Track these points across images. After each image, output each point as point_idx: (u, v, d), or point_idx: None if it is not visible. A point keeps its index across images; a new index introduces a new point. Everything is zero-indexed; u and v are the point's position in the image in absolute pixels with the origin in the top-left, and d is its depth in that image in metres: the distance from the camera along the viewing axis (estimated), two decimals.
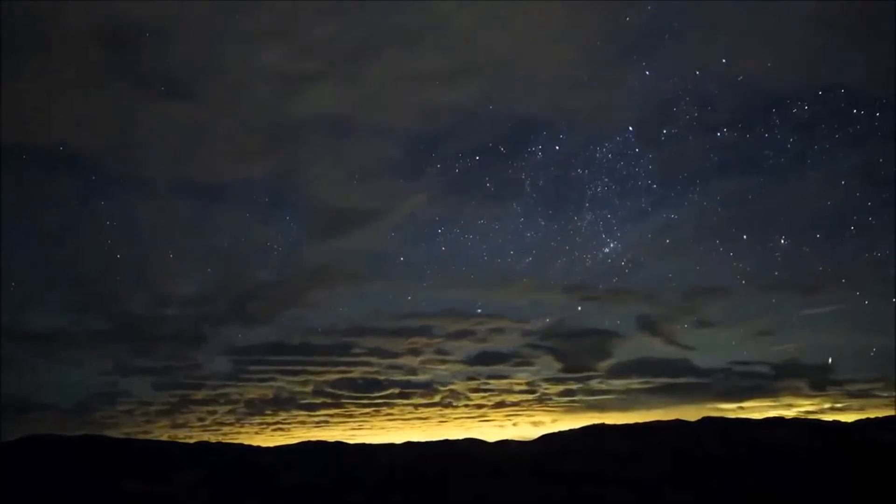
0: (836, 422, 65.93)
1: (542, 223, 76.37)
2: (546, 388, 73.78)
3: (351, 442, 73.46)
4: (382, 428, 73.72)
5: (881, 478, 53.89)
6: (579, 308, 77.50)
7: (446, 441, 72.27)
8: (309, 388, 71.44)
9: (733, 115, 66.47)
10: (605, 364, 77.66)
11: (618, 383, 74.36)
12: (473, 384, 73.99)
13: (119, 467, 64.62)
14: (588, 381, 74.27)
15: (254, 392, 69.36)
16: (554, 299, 79.38)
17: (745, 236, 71.52)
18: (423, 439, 73.23)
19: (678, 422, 69.10)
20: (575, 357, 76.55)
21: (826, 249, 67.91)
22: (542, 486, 62.27)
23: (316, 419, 71.17)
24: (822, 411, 68.60)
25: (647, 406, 76.34)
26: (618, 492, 59.78)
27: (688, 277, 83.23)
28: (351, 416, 71.56)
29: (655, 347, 79.86)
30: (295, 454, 70.69)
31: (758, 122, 66.26)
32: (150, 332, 69.10)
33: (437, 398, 72.83)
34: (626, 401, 74.87)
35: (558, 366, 76.29)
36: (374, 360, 73.63)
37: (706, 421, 67.83)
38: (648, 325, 78.31)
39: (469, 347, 76.03)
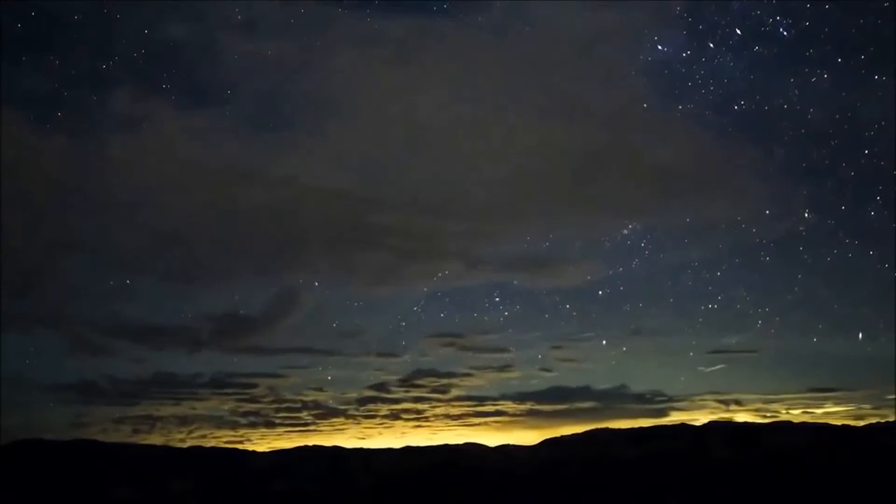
0: (845, 426, 64.72)
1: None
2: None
3: (348, 447, 72.13)
4: (362, 437, 72.68)
5: (890, 482, 53.23)
6: None
7: (446, 446, 71.21)
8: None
9: None
10: None
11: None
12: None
13: (110, 473, 63.52)
14: None
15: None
16: None
17: None
18: (422, 444, 71.98)
19: (683, 426, 68.15)
20: None
21: None
22: (544, 492, 61.36)
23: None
24: (831, 415, 67.55)
25: None
26: (621, 497, 58.97)
27: None
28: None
29: None
30: (290, 459, 69.59)
31: None
32: None
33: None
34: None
35: None
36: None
37: (712, 425, 66.84)
38: None
39: None
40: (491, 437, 72.44)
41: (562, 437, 71.13)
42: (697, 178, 71.51)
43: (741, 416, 68.80)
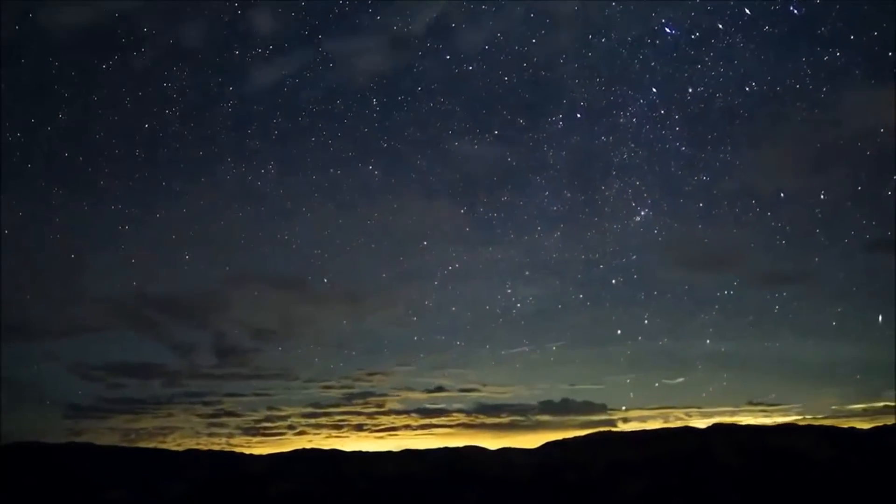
0: (852, 428, 63.86)
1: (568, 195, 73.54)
2: None
3: (347, 450, 71.54)
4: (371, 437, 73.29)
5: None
6: None
7: (446, 448, 70.56)
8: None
9: None
10: None
11: None
12: None
13: (104, 477, 63.05)
14: None
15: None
16: None
17: None
18: (421, 447, 71.37)
19: (686, 429, 67.23)
20: None
21: None
22: (545, 495, 60.77)
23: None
24: (839, 418, 66.72)
25: None
26: (624, 501, 58.34)
27: None
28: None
29: None
30: (287, 463, 68.90)
31: None
32: None
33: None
34: None
35: None
36: None
37: (716, 428, 65.86)
38: None
39: None
40: (487, 442, 72.91)
41: (563, 439, 70.38)
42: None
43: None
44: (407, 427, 73.57)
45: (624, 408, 71.08)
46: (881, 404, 65.48)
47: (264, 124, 72.17)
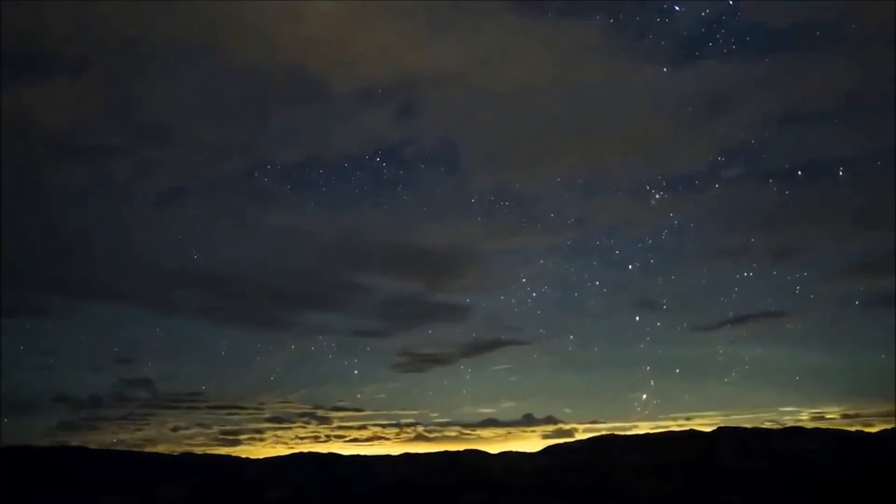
0: (859, 432, 63.11)
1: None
2: None
3: (345, 454, 70.92)
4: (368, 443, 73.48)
5: None
6: None
7: (446, 452, 69.83)
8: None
9: None
10: None
11: None
12: None
13: (98, 480, 62.38)
14: None
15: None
16: None
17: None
18: (421, 451, 70.69)
19: (691, 432, 66.43)
20: None
21: None
22: (547, 500, 59.87)
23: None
24: (844, 421, 66.14)
25: None
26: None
27: None
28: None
29: None
30: (285, 467, 68.14)
31: None
32: None
33: None
34: None
35: None
36: None
37: (721, 431, 65.04)
38: None
39: None
40: (491, 445, 72.59)
41: (565, 443, 69.56)
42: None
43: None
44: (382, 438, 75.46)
45: (640, 399, 70.81)
46: (887, 408, 65.18)
47: None
